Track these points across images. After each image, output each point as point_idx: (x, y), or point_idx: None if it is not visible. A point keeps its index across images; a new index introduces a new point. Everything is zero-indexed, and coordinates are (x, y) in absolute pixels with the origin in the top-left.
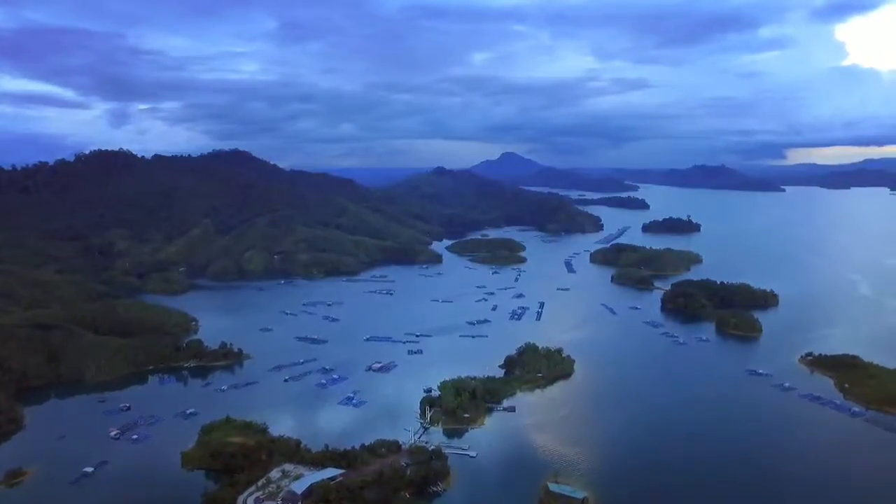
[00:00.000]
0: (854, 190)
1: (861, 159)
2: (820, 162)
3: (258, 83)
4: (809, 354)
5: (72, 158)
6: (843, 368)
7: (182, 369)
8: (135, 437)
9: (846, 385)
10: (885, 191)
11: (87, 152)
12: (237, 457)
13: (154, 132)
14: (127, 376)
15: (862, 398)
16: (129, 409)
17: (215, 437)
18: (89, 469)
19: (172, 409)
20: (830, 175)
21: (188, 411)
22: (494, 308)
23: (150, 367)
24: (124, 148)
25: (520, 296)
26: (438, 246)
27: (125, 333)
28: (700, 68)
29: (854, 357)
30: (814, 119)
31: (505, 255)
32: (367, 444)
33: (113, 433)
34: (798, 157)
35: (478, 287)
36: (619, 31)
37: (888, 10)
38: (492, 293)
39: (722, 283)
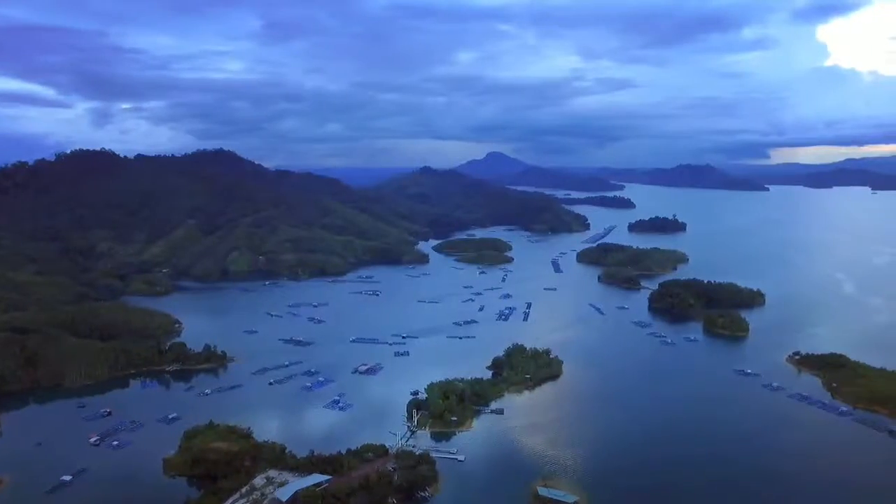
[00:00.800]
0: (836, 189)
1: (843, 159)
2: (803, 161)
3: (243, 82)
4: (797, 354)
5: (52, 158)
6: (831, 368)
7: (165, 373)
8: (115, 443)
9: (834, 384)
10: (866, 190)
11: (67, 152)
12: (220, 463)
13: (137, 132)
14: (108, 381)
15: (849, 397)
16: (109, 414)
17: (198, 443)
18: (67, 477)
19: (154, 413)
20: (813, 174)
21: (170, 416)
22: (481, 309)
23: (132, 371)
24: (106, 148)
25: (507, 296)
26: (425, 246)
27: (106, 336)
28: (684, 68)
29: (841, 356)
30: (796, 119)
31: (492, 254)
32: (353, 449)
33: (93, 439)
34: (781, 156)
35: (464, 287)
36: (605, 31)
37: (868, 12)
38: (479, 293)
39: (709, 282)
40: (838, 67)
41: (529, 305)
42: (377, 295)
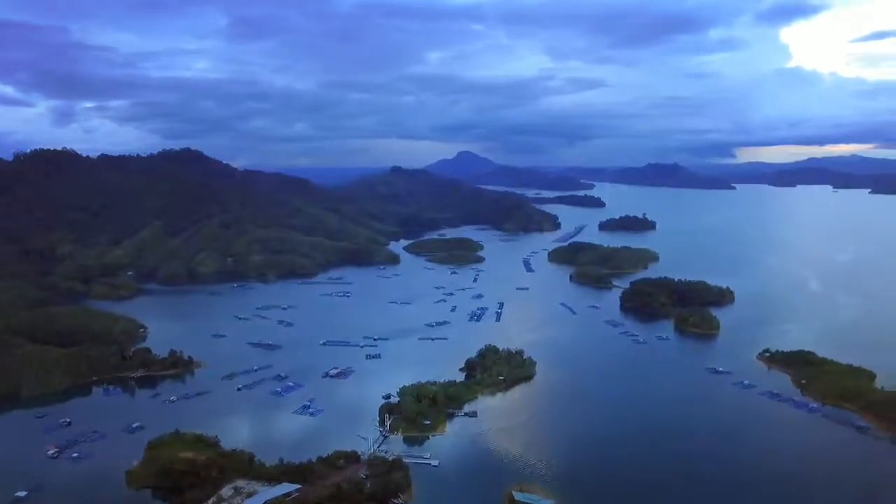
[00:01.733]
0: (800, 188)
1: (805, 158)
2: (767, 160)
3: (210, 81)
4: (766, 351)
5: (10, 158)
6: (800, 365)
7: (129, 380)
8: (75, 455)
9: (803, 381)
10: (828, 188)
11: (27, 151)
12: (186, 474)
13: (101, 131)
14: (68, 389)
15: (818, 394)
16: (69, 424)
17: (163, 453)
18: (22, 493)
19: (117, 423)
20: (778, 173)
21: (134, 425)
22: (453, 309)
23: (94, 379)
24: (69, 147)
25: (479, 296)
26: (395, 246)
27: (67, 342)
28: (653, 68)
29: (809, 353)
30: (761, 119)
31: (463, 254)
32: (324, 456)
33: (51, 452)
34: (747, 155)
35: (436, 288)
36: (575, 31)
37: (828, 16)
38: (450, 294)
39: (679, 280)
40: (800, 69)
41: (502, 305)
42: (348, 296)
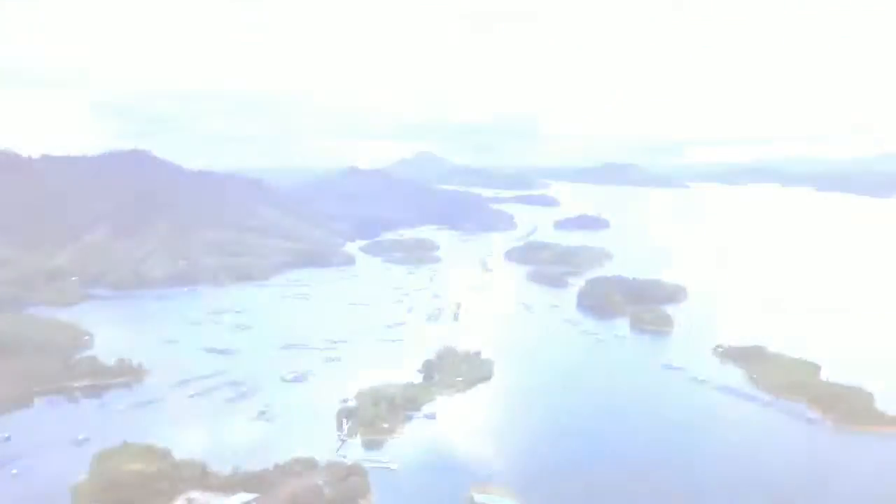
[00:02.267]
0: (750, 186)
1: (754, 158)
2: (718, 160)
3: (163, 79)
4: (720, 346)
5: None
6: (751, 359)
7: (73, 390)
8: (15, 471)
9: (755, 375)
10: (776, 187)
11: None
12: (136, 487)
13: (45, 130)
14: (8, 401)
15: (769, 387)
16: (8, 438)
17: (111, 466)
18: None
19: (62, 436)
20: (728, 172)
21: (80, 438)
22: (411, 310)
23: (36, 390)
24: (8, 147)
25: (436, 296)
26: (352, 247)
27: (7, 352)
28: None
29: (760, 347)
30: (710, 118)
31: (420, 254)
32: (280, 464)
33: None
34: (698, 154)
35: (394, 288)
36: None
37: None
38: (408, 294)
39: (634, 278)
40: (745, 68)
41: (459, 305)
42: (305, 298)
